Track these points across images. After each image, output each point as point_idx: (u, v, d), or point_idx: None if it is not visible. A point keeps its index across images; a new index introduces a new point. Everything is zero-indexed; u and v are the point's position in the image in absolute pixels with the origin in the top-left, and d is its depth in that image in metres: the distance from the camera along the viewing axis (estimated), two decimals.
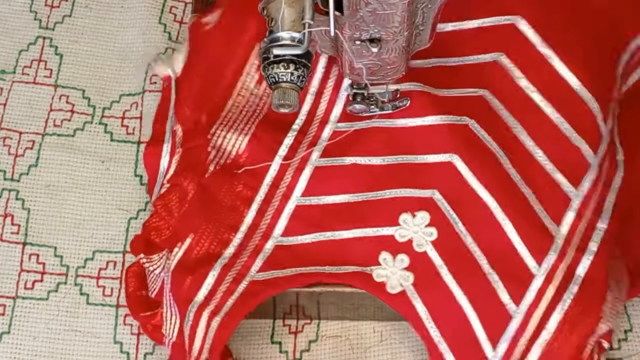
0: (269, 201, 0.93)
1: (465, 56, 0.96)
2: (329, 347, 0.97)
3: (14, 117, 1.07)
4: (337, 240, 0.92)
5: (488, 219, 0.89)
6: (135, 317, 0.97)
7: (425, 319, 0.88)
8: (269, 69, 0.80)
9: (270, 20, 0.80)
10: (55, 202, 1.03)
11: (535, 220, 0.90)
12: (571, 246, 0.89)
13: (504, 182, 0.91)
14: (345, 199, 0.93)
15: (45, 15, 1.13)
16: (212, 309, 0.89)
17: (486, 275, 0.88)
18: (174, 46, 1.10)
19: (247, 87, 0.99)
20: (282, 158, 0.94)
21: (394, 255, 0.90)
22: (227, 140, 0.96)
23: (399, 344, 0.95)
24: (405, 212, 0.91)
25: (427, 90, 0.94)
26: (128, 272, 0.98)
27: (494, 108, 0.94)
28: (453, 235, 0.90)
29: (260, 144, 0.95)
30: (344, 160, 0.94)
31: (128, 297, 0.98)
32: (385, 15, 0.81)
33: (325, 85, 0.97)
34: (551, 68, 0.95)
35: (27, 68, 1.10)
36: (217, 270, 0.91)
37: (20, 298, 0.99)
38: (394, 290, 0.89)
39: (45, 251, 1.01)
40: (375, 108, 0.94)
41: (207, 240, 0.93)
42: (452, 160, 0.92)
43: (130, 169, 1.05)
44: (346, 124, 0.95)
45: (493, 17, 0.97)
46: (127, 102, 1.09)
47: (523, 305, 0.87)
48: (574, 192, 0.91)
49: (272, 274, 0.91)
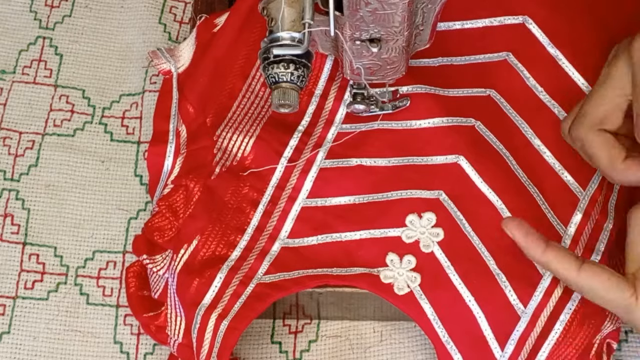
0: (275, 203, 0.93)
1: (472, 55, 0.96)
2: (329, 347, 0.97)
3: (14, 117, 1.08)
4: (344, 242, 0.92)
5: (495, 219, 0.89)
6: (138, 318, 0.97)
7: (432, 320, 0.88)
8: (269, 69, 0.80)
9: (270, 20, 0.80)
10: (55, 202, 1.03)
11: (542, 220, 0.90)
12: (578, 246, 0.89)
13: (510, 183, 0.91)
14: (351, 200, 0.93)
15: (45, 15, 1.13)
16: (220, 312, 0.89)
17: (494, 276, 0.88)
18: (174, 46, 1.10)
19: (253, 89, 0.99)
20: (287, 160, 0.94)
21: (400, 257, 0.90)
22: (232, 142, 0.96)
23: (399, 344, 0.95)
24: (411, 213, 0.91)
25: (432, 91, 0.94)
26: (128, 272, 0.98)
27: (501, 107, 0.94)
28: (460, 236, 0.90)
29: (265, 145, 0.95)
30: (349, 162, 0.94)
31: (129, 297, 0.97)
32: (385, 15, 0.81)
33: (331, 86, 0.98)
34: (560, 69, 0.95)
35: (27, 68, 1.10)
36: (224, 273, 0.91)
37: (20, 298, 0.99)
38: (402, 291, 0.89)
39: (45, 251, 1.01)
40: (375, 108, 0.94)
41: (214, 242, 0.92)
42: (458, 161, 0.92)
43: (130, 169, 1.05)
44: (351, 125, 0.95)
45: (501, 16, 0.97)
46: (127, 102, 1.09)
47: (531, 306, 0.87)
48: (582, 192, 0.91)
49: (278, 277, 0.91)
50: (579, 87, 0.94)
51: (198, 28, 1.05)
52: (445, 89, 0.95)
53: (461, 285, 0.89)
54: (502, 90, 0.95)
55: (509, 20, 0.97)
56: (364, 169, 0.93)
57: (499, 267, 0.88)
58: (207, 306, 0.90)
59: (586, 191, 0.91)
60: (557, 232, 0.89)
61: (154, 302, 0.97)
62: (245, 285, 0.90)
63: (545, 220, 0.90)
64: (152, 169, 1.01)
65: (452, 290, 0.89)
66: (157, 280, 0.96)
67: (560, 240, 0.89)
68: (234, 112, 0.98)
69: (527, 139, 0.93)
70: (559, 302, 0.87)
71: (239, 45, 1.01)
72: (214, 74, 1.01)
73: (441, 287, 0.89)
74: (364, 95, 0.93)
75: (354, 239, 0.92)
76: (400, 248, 0.91)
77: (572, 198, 0.91)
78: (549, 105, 0.94)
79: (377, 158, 0.93)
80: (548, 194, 0.91)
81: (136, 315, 0.97)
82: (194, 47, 1.05)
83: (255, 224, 0.93)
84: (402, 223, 0.91)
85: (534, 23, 0.96)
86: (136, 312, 0.97)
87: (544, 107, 0.94)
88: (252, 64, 1.00)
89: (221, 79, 1.00)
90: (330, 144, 0.94)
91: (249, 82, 0.99)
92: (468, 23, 0.97)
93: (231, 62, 1.00)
